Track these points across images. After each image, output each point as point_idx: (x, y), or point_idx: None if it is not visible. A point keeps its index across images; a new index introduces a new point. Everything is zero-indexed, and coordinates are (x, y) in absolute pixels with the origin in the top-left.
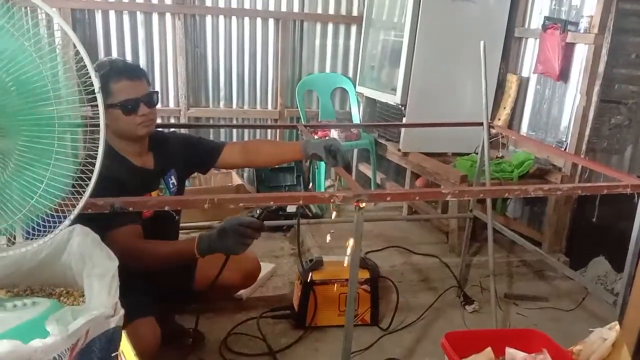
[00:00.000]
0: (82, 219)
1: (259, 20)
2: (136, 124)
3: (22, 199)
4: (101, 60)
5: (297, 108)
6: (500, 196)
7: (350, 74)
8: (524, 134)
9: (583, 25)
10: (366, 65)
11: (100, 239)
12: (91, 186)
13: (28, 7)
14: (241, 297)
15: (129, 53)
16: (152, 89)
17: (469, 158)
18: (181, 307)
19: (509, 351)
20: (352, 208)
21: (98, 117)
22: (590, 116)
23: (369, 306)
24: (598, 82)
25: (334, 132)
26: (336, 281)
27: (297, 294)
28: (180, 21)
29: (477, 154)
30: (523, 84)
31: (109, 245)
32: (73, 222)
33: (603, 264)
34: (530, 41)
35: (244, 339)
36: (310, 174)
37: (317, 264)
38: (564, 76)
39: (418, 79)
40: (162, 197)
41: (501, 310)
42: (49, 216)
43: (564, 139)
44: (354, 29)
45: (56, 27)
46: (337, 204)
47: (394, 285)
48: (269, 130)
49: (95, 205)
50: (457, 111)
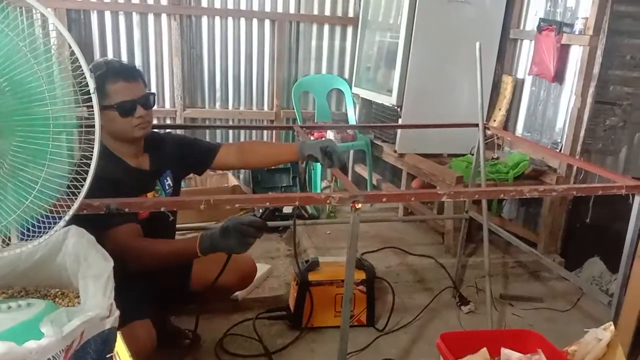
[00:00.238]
0: (80, 218)
1: (255, 21)
2: (132, 126)
3: (16, 200)
4: (97, 61)
5: (293, 109)
6: (496, 197)
7: (346, 75)
8: (519, 135)
9: (578, 26)
10: (362, 67)
11: (99, 237)
12: (86, 187)
13: (23, 7)
14: (237, 298)
15: (124, 54)
16: (148, 90)
17: (464, 159)
18: (177, 308)
19: (504, 352)
20: (348, 209)
21: (93, 118)
22: (585, 117)
23: (364, 307)
24: (593, 83)
25: (330, 133)
26: (332, 282)
27: (293, 295)
28: (176, 22)
29: (472, 155)
30: (518, 86)
31: (109, 243)
32: (69, 223)
33: (598, 264)
34: (526, 43)
35: (240, 340)
36: (306, 175)
37: (313, 265)
38: (559, 77)
39: (414, 80)
40: (158, 198)
41: (496, 310)
42: (43, 217)
43: (559, 140)
44: (349, 30)
45: (51, 28)
46: (333, 205)
47: (389, 286)
48: (265, 132)
49: (91, 206)
50: (452, 112)
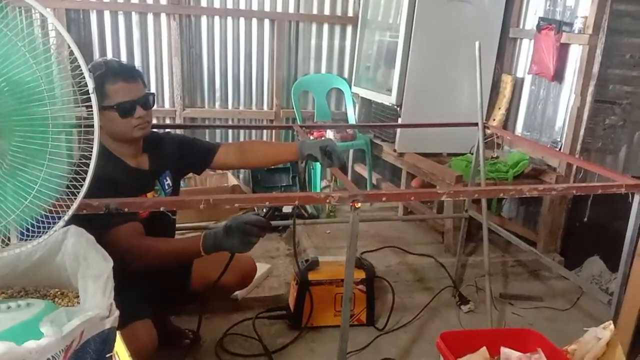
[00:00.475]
0: (80, 218)
1: (255, 21)
2: (132, 127)
3: (15, 200)
4: (96, 61)
5: (293, 109)
6: (495, 196)
7: (346, 74)
8: (518, 134)
9: (577, 25)
10: (362, 66)
11: (100, 237)
12: (85, 187)
13: (22, 7)
14: (237, 298)
15: (124, 53)
16: (147, 90)
17: (464, 158)
18: (177, 307)
19: (504, 351)
20: (347, 208)
21: (92, 118)
22: (584, 116)
23: (364, 306)
24: (592, 82)
25: (330, 133)
26: (332, 281)
27: (293, 295)
28: (176, 22)
29: (472, 154)
30: (518, 85)
31: (110, 243)
32: (68, 223)
33: (598, 263)
34: (525, 42)
35: (239, 340)
36: (306, 175)
37: (313, 265)
38: (558, 76)
39: (413, 80)
40: (157, 198)
41: (496, 310)
42: (43, 217)
43: (558, 139)
44: (349, 30)
45: (50, 28)
46: (332, 205)
47: (389, 285)
48: (264, 131)
49: (90, 206)
50: (452, 111)
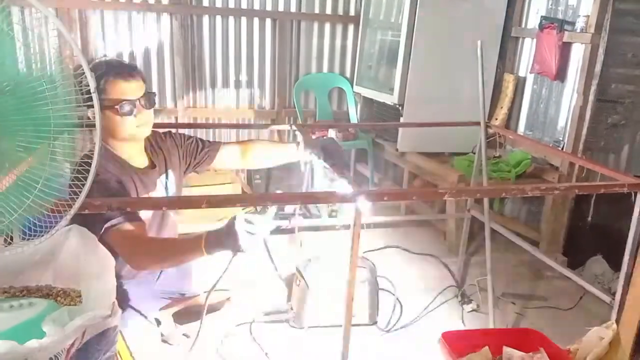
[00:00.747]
0: (83, 218)
1: (256, 20)
2: (133, 126)
3: (18, 199)
4: (97, 60)
5: (295, 108)
6: (498, 196)
7: (348, 73)
8: (521, 134)
9: (580, 24)
10: (363, 65)
11: (102, 236)
12: (87, 186)
13: (24, 7)
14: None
15: (125, 53)
16: (149, 89)
17: (466, 158)
18: (176, 308)
19: (507, 350)
20: (350, 208)
21: (94, 118)
22: (587, 115)
23: (367, 306)
24: (595, 81)
25: (332, 132)
26: (334, 281)
27: (295, 295)
28: (177, 21)
29: (474, 153)
30: (520, 84)
31: (113, 242)
32: (71, 222)
33: (600, 263)
34: (527, 41)
35: (240, 341)
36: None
37: (315, 264)
38: (560, 76)
39: (415, 79)
40: (158, 197)
41: (499, 309)
42: (45, 216)
43: (560, 138)
44: (351, 29)
45: (52, 27)
46: (335, 205)
47: (392, 285)
48: (266, 130)
49: (92, 206)
50: (454, 111)
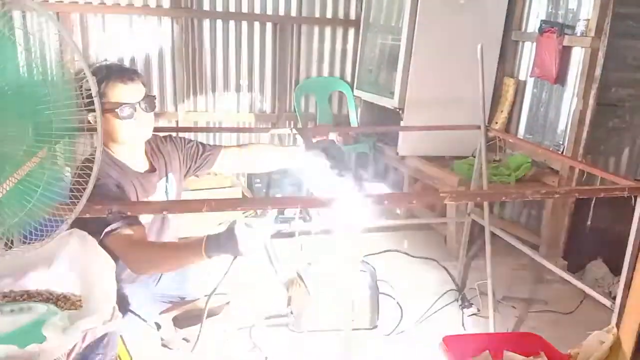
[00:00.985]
0: (84, 222)
1: (257, 24)
2: (133, 129)
3: (19, 203)
4: (98, 64)
5: (295, 112)
6: (498, 199)
7: (348, 77)
8: (521, 137)
9: (580, 28)
10: (364, 69)
11: (103, 240)
12: (88, 190)
13: (25, 11)
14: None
15: (126, 57)
16: (149, 93)
17: (466, 161)
18: (176, 312)
19: (507, 354)
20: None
21: (95, 122)
22: (587, 119)
23: (367, 310)
24: (595, 85)
25: (332, 136)
26: (334, 285)
27: (295, 298)
28: (178, 25)
29: (474, 157)
30: (520, 88)
31: (113, 246)
32: (71, 227)
33: (601, 266)
34: (527, 45)
35: (240, 343)
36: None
37: (315, 268)
38: (560, 79)
39: (416, 83)
40: (159, 201)
41: (499, 313)
42: (46, 220)
43: (561, 141)
44: (351, 33)
45: (53, 32)
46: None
47: (392, 288)
48: (266, 134)
49: (93, 210)
50: (454, 114)
